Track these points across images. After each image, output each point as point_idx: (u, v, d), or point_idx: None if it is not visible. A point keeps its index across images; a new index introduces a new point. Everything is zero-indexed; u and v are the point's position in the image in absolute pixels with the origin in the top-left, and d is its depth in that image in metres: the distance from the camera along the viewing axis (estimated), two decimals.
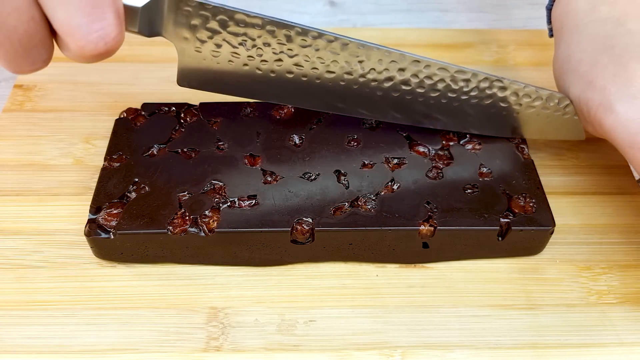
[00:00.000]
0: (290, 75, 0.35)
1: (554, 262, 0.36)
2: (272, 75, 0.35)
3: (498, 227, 0.34)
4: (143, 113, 0.40)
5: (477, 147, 0.38)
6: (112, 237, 0.33)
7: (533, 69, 0.49)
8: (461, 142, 0.39)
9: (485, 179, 0.37)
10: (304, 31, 0.33)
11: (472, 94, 0.37)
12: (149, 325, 0.33)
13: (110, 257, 0.35)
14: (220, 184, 0.35)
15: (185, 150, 0.37)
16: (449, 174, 0.37)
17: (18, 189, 0.39)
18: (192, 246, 0.34)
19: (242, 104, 0.40)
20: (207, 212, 0.34)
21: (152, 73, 0.47)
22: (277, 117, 0.39)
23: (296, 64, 0.34)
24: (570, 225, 0.38)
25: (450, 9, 0.55)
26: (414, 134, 0.39)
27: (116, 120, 0.39)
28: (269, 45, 0.33)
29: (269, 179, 0.36)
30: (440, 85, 0.36)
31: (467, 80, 0.36)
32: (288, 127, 0.39)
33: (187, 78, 0.35)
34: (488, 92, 0.37)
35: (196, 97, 0.39)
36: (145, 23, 0.30)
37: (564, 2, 0.39)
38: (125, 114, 0.39)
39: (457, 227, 0.34)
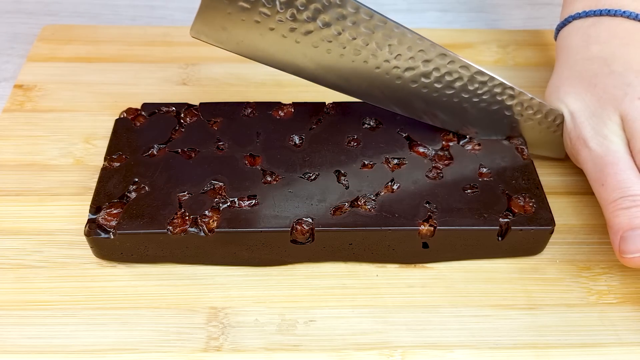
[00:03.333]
0: (315, 48, 0.33)
1: (554, 262, 0.36)
2: (297, 43, 0.33)
3: (498, 227, 0.34)
4: (143, 113, 0.40)
5: (477, 147, 0.38)
6: (112, 237, 0.33)
7: (533, 69, 0.49)
8: (461, 143, 0.39)
9: (485, 179, 0.37)
10: (343, 2, 0.31)
11: (484, 97, 0.37)
12: (149, 325, 0.33)
13: (110, 257, 0.35)
14: (220, 184, 0.35)
15: (185, 150, 0.37)
16: (448, 174, 0.37)
17: (18, 189, 0.39)
18: (192, 246, 0.34)
19: (242, 104, 0.40)
20: (207, 212, 0.34)
21: (152, 73, 0.47)
22: (277, 117, 0.39)
23: (325, 39, 0.33)
24: (570, 225, 0.38)
25: (450, 9, 0.55)
26: (414, 134, 0.39)
27: (116, 120, 0.39)
28: (301, 10, 0.31)
29: (269, 179, 0.36)
30: (457, 84, 0.36)
31: (483, 83, 0.36)
32: (288, 127, 0.39)
33: (203, 28, 0.32)
34: (498, 98, 0.37)
35: (196, 97, 0.39)
36: None
37: (563, 35, 0.41)
38: (125, 114, 0.39)
39: (457, 227, 0.34)
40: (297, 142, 0.38)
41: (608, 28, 0.38)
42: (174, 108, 0.40)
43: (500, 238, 0.35)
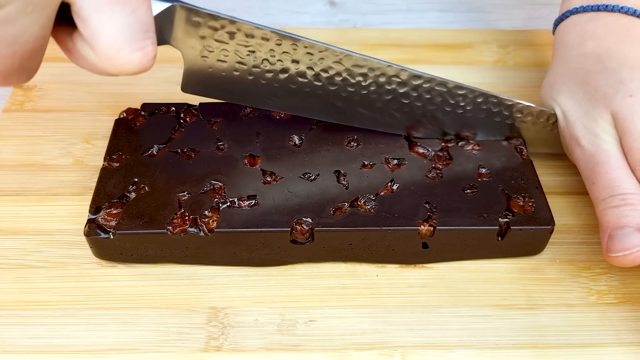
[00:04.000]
0: (294, 86, 0.35)
1: (554, 262, 0.36)
2: (276, 85, 0.35)
3: (497, 227, 0.34)
4: (143, 113, 0.40)
5: (476, 147, 0.38)
6: (111, 237, 0.33)
7: (533, 69, 0.49)
8: (460, 144, 0.39)
9: (485, 179, 0.37)
10: (310, 44, 0.34)
11: (468, 107, 0.37)
12: (149, 325, 0.33)
13: (109, 257, 0.35)
14: (220, 184, 0.35)
15: (185, 150, 0.37)
16: (448, 174, 0.37)
17: (18, 189, 0.39)
18: (191, 246, 0.34)
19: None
20: (206, 212, 0.34)
21: (152, 73, 0.46)
22: (277, 117, 0.39)
23: (301, 75, 0.35)
24: (570, 225, 0.38)
25: (450, 9, 0.55)
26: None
27: (116, 120, 0.39)
28: (274, 56, 0.34)
29: (269, 179, 0.36)
30: (438, 99, 0.37)
31: (463, 96, 0.37)
32: (288, 127, 0.39)
33: (191, 85, 0.35)
34: (483, 107, 0.37)
35: (196, 97, 0.39)
36: (156, 32, 0.30)
37: (561, 31, 0.41)
38: (125, 114, 0.39)
39: (457, 227, 0.34)
40: (297, 142, 0.38)
41: (605, 24, 0.38)
42: (173, 108, 0.40)
43: (499, 238, 0.35)
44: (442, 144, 0.38)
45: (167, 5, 0.30)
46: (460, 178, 0.36)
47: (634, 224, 0.32)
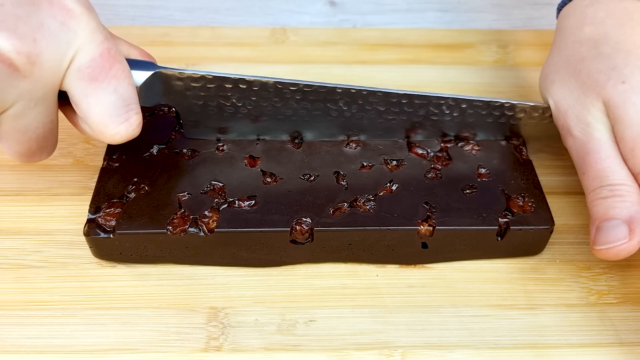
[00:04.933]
0: (281, 117, 0.37)
1: (554, 262, 0.36)
2: (265, 119, 0.37)
3: (497, 227, 0.34)
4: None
5: (476, 148, 0.38)
6: (111, 237, 0.33)
7: (533, 69, 0.49)
8: (459, 144, 0.39)
9: (484, 179, 0.37)
10: (295, 84, 0.35)
11: (455, 114, 0.38)
12: (149, 325, 0.33)
13: (109, 257, 0.35)
14: (220, 184, 0.35)
15: (184, 150, 0.37)
16: (447, 174, 0.37)
17: (18, 189, 0.39)
18: (191, 246, 0.34)
19: None
20: (206, 212, 0.34)
21: None
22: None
23: (288, 110, 0.37)
24: (570, 225, 0.38)
25: (450, 9, 0.55)
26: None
27: None
28: (263, 99, 0.36)
29: (269, 179, 0.36)
30: (421, 112, 0.37)
31: (455, 107, 0.37)
32: None
33: (192, 131, 0.38)
34: (470, 111, 0.38)
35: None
36: (145, 97, 0.33)
37: (562, 15, 0.40)
38: None
39: (456, 227, 0.34)
40: (297, 143, 0.38)
41: (606, 7, 0.37)
42: (173, 108, 0.40)
43: (499, 238, 0.35)
44: (442, 145, 0.38)
45: (148, 74, 0.33)
46: (459, 178, 0.36)
47: (622, 216, 0.31)
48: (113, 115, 0.30)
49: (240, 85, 0.35)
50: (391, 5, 0.55)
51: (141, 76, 0.32)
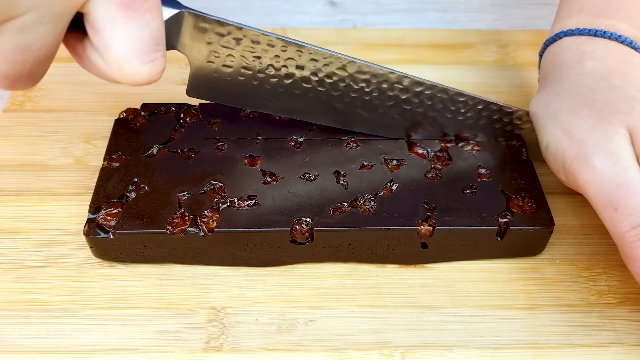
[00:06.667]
0: (298, 91, 0.36)
1: (554, 262, 0.36)
2: (280, 90, 0.36)
3: (497, 227, 0.34)
4: (143, 113, 0.40)
5: (476, 148, 0.38)
6: (111, 236, 0.33)
7: (533, 69, 0.49)
8: (459, 144, 0.39)
9: (484, 179, 0.37)
10: (315, 51, 0.34)
11: (469, 114, 0.38)
12: (149, 325, 0.33)
13: (109, 257, 0.35)
14: (220, 184, 0.35)
15: (185, 150, 0.37)
16: (447, 174, 0.37)
17: (18, 189, 0.39)
18: (191, 246, 0.34)
19: None
20: (206, 212, 0.34)
21: None
22: (277, 118, 0.39)
23: (305, 80, 0.35)
24: (570, 225, 0.38)
25: (450, 9, 0.55)
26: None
27: (116, 120, 0.39)
28: (279, 62, 0.34)
29: (269, 179, 0.36)
30: (438, 106, 0.37)
31: (464, 103, 0.37)
32: (287, 127, 0.39)
33: (196, 89, 0.35)
34: (484, 113, 0.38)
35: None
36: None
37: (553, 51, 0.38)
38: (125, 114, 0.39)
39: (456, 227, 0.34)
40: (297, 142, 0.38)
41: (604, 46, 0.36)
42: (173, 108, 0.40)
43: (499, 238, 0.35)
44: (442, 145, 0.38)
45: (175, 12, 0.30)
46: (459, 178, 0.36)
47: None
48: (139, 52, 0.26)
49: (271, 47, 0.33)
50: (391, 5, 0.55)
51: (167, 13, 0.29)
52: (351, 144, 0.38)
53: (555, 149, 0.34)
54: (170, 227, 0.33)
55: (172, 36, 0.31)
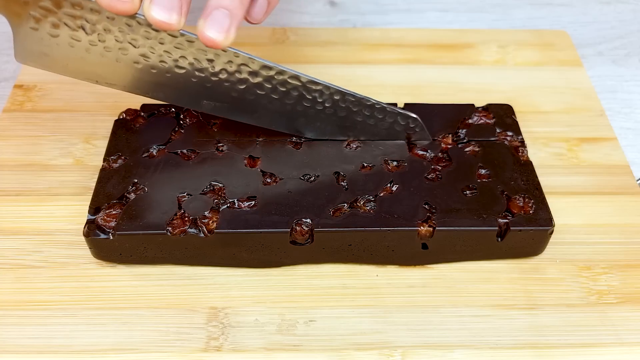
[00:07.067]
0: (138, 66, 0.33)
1: (554, 262, 0.36)
2: (118, 63, 0.33)
3: (497, 228, 0.34)
4: (142, 114, 0.40)
5: (476, 149, 0.38)
6: (110, 237, 0.33)
7: (533, 69, 0.49)
8: (459, 145, 0.39)
9: (484, 180, 0.37)
10: (149, 23, 0.31)
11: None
12: (149, 325, 0.33)
13: (108, 258, 0.35)
14: (220, 185, 0.35)
15: (184, 151, 0.37)
16: (447, 175, 0.37)
17: (18, 189, 0.39)
18: (191, 247, 0.34)
19: None
20: (206, 213, 0.34)
21: None
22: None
23: (143, 55, 0.33)
24: (570, 225, 0.38)
25: (450, 9, 0.55)
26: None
27: (115, 121, 0.39)
28: (110, 32, 0.32)
29: (269, 180, 0.36)
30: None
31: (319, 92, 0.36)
32: None
33: (24, 55, 0.33)
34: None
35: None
36: None
37: None
38: (124, 115, 0.39)
39: (456, 228, 0.34)
40: (297, 143, 0.38)
41: None
42: (173, 109, 0.40)
43: (499, 239, 0.35)
44: (442, 146, 0.38)
45: None
46: (459, 179, 0.36)
47: None
48: None
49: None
50: (391, 5, 0.55)
51: None
52: (351, 144, 0.38)
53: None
54: (170, 228, 0.33)
55: None
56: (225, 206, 0.34)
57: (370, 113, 0.37)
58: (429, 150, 0.38)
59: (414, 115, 0.37)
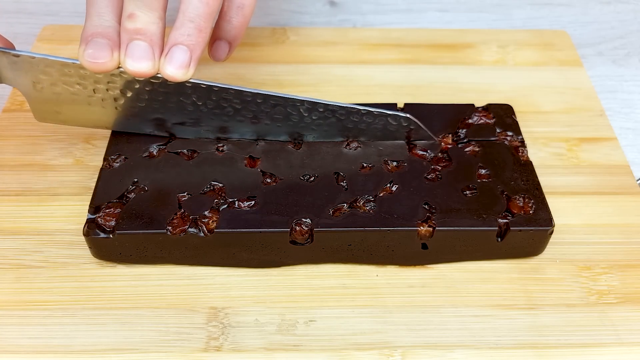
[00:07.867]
0: (142, 105, 0.36)
1: (554, 262, 0.36)
2: (117, 110, 0.36)
3: (497, 228, 0.34)
4: None
5: (476, 149, 0.38)
6: (111, 237, 0.33)
7: (533, 69, 0.49)
8: (459, 145, 0.39)
9: (484, 180, 0.37)
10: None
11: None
12: (149, 325, 0.33)
13: (108, 258, 0.35)
14: (220, 185, 0.35)
15: (184, 151, 0.37)
16: (447, 175, 0.37)
17: (18, 189, 0.39)
18: (191, 247, 0.34)
19: None
20: (206, 213, 0.34)
21: None
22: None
23: (137, 98, 0.35)
24: (570, 225, 0.38)
25: (450, 9, 0.55)
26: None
27: None
28: (100, 82, 0.34)
29: (269, 180, 0.36)
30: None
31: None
32: None
33: (42, 115, 0.37)
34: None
35: None
36: None
37: None
38: None
39: (456, 228, 0.34)
40: (297, 144, 0.38)
41: None
42: None
43: (499, 239, 0.35)
44: (442, 146, 0.38)
45: None
46: (459, 179, 0.36)
47: None
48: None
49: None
50: (391, 5, 0.55)
51: None
52: (351, 145, 0.38)
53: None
54: (170, 228, 0.33)
55: None
56: (225, 206, 0.34)
57: (359, 119, 0.37)
58: (428, 151, 0.38)
59: (406, 115, 0.37)
